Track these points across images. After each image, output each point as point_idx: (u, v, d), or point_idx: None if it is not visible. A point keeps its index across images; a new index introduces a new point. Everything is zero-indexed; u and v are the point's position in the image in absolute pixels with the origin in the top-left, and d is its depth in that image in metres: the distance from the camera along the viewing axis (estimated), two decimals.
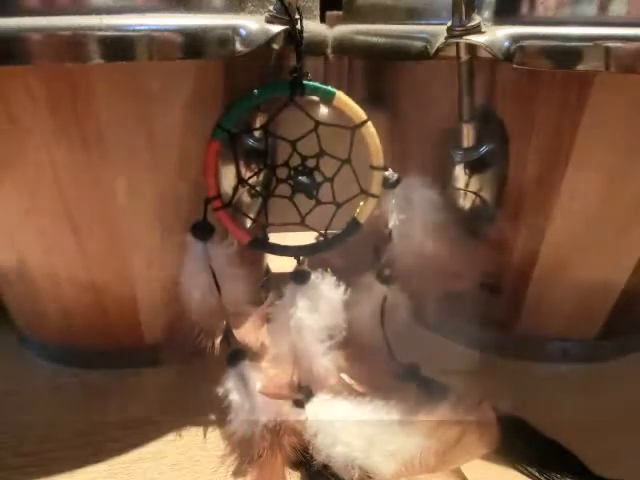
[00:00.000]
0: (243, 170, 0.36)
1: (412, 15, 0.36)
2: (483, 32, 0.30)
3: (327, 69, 0.45)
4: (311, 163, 0.35)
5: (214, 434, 0.35)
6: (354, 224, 0.36)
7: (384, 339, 0.38)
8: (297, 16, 0.31)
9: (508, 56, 0.29)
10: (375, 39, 0.38)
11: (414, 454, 0.31)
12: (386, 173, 0.35)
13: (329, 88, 0.33)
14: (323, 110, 0.35)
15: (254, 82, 0.33)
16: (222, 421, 0.34)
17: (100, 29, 0.27)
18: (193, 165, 0.34)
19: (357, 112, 0.34)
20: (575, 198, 0.36)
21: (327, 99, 0.34)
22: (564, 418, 0.36)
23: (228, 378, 0.34)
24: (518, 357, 0.43)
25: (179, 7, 0.30)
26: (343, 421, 0.32)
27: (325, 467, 0.31)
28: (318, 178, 0.35)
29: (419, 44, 0.33)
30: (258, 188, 0.38)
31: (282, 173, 0.35)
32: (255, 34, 0.30)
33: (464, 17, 0.30)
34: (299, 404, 0.34)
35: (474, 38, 0.30)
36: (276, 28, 0.31)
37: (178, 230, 0.35)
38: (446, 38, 0.31)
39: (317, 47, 0.40)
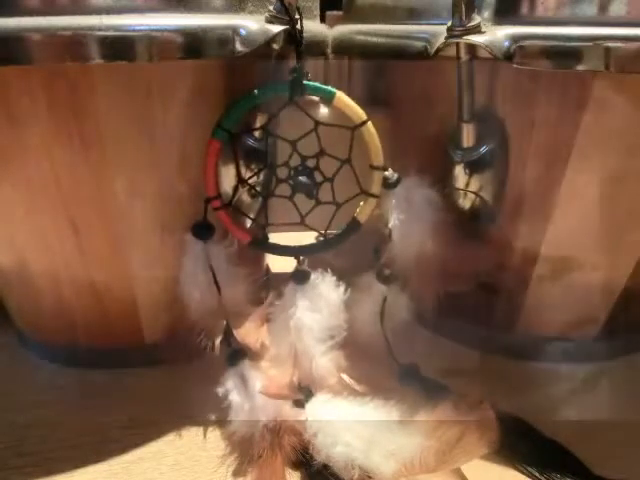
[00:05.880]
0: (243, 170, 0.36)
1: (412, 15, 0.36)
2: (483, 32, 0.30)
3: (327, 69, 0.45)
4: (311, 163, 0.35)
5: (214, 434, 0.35)
6: (354, 224, 0.36)
7: (384, 339, 0.38)
8: (297, 16, 0.31)
9: (508, 56, 0.29)
10: (375, 39, 0.38)
11: (414, 454, 0.31)
12: (386, 173, 0.35)
13: (329, 88, 0.33)
14: (323, 110, 0.35)
15: (254, 82, 0.33)
16: (222, 421, 0.35)
17: (100, 29, 0.27)
18: (193, 165, 0.34)
19: (357, 112, 0.34)
20: (575, 198, 0.36)
21: (327, 99, 0.34)
22: (564, 418, 0.36)
23: (228, 378, 0.34)
24: (518, 357, 0.43)
25: (179, 7, 0.30)
26: (343, 421, 0.32)
27: (325, 467, 0.31)
28: (318, 178, 0.35)
29: (419, 44, 0.33)
30: (258, 188, 0.38)
31: (282, 173, 0.35)
32: (255, 34, 0.30)
33: (464, 17, 0.30)
34: (299, 404, 0.34)
35: (474, 38, 0.30)
36: (276, 28, 0.31)
37: (178, 230, 0.35)
38: (446, 38, 0.31)
39: (317, 47, 0.40)
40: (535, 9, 0.31)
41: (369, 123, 0.34)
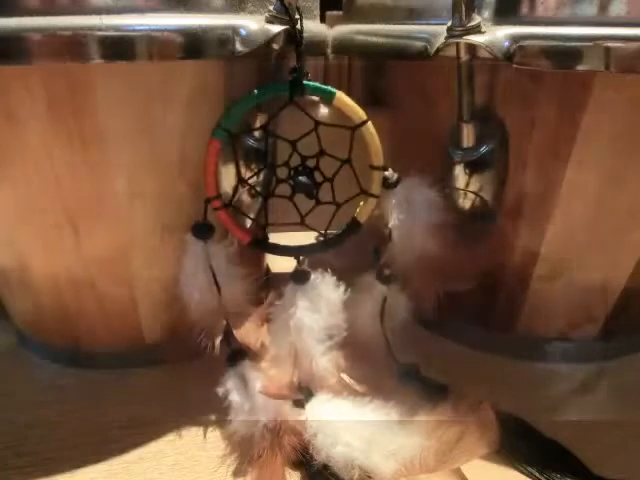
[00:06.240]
0: (243, 170, 0.36)
1: (412, 15, 0.36)
2: (483, 32, 0.30)
3: (327, 69, 0.45)
4: (311, 163, 0.35)
5: (214, 434, 0.35)
6: (354, 224, 0.36)
7: (384, 339, 0.38)
8: (297, 16, 0.31)
9: (508, 56, 0.29)
10: (375, 39, 0.38)
11: (414, 454, 0.31)
12: (386, 173, 0.35)
13: (329, 88, 0.33)
14: (323, 110, 0.35)
15: (254, 82, 0.33)
16: (222, 421, 0.35)
17: (100, 29, 0.27)
18: (193, 165, 0.34)
19: (357, 112, 0.34)
20: (575, 198, 0.36)
21: (327, 99, 0.34)
22: (564, 418, 0.36)
23: (228, 378, 0.34)
24: (518, 357, 0.43)
25: (179, 7, 0.30)
26: (343, 421, 0.32)
27: (325, 467, 0.31)
28: (318, 178, 0.35)
29: (419, 44, 0.33)
30: (258, 188, 0.38)
31: (282, 173, 0.35)
32: (255, 34, 0.30)
33: (464, 17, 0.30)
34: (299, 404, 0.34)
35: (474, 38, 0.30)
36: (276, 28, 0.31)
37: (178, 230, 0.35)
38: (446, 38, 0.31)
39: (317, 47, 0.40)
40: (535, 9, 0.31)
41: (369, 123, 0.34)
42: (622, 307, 0.41)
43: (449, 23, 0.30)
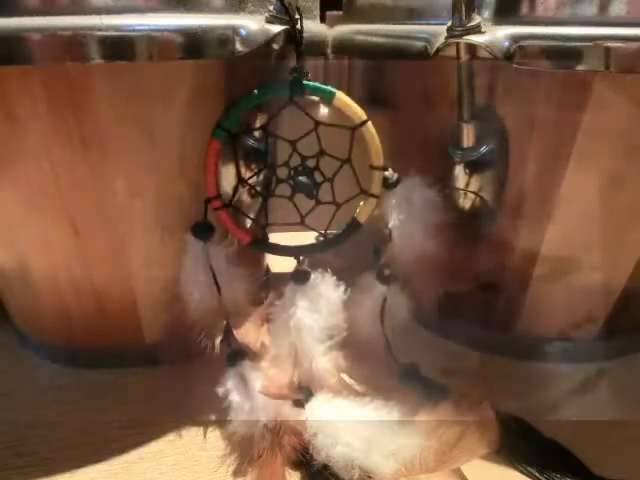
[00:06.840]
0: (243, 170, 0.36)
1: (412, 15, 0.36)
2: (483, 32, 0.30)
3: (327, 69, 0.45)
4: (311, 163, 0.35)
5: (214, 434, 0.35)
6: (354, 224, 0.36)
7: (384, 339, 0.38)
8: (297, 16, 0.31)
9: (508, 56, 0.29)
10: (375, 39, 0.38)
11: (414, 454, 0.31)
12: (386, 173, 0.35)
13: (329, 88, 0.33)
14: (323, 110, 0.35)
15: (254, 82, 0.33)
16: (222, 421, 0.35)
17: (100, 29, 0.27)
18: (193, 165, 0.34)
19: (357, 112, 0.34)
20: (575, 198, 0.36)
21: (327, 99, 0.34)
22: (564, 418, 0.36)
23: (228, 378, 0.34)
24: (518, 357, 0.43)
25: (179, 7, 0.30)
26: (343, 421, 0.32)
27: (325, 467, 0.31)
28: (318, 178, 0.35)
29: (419, 44, 0.33)
30: (258, 188, 0.38)
31: (282, 173, 0.35)
32: (255, 34, 0.30)
33: (464, 17, 0.30)
34: (299, 404, 0.34)
35: (474, 38, 0.30)
36: (276, 28, 0.31)
37: (178, 230, 0.35)
38: (446, 38, 0.31)
39: (317, 47, 0.40)
40: (535, 9, 0.31)
41: (369, 123, 0.34)
42: (622, 307, 0.41)
43: (449, 23, 0.31)
